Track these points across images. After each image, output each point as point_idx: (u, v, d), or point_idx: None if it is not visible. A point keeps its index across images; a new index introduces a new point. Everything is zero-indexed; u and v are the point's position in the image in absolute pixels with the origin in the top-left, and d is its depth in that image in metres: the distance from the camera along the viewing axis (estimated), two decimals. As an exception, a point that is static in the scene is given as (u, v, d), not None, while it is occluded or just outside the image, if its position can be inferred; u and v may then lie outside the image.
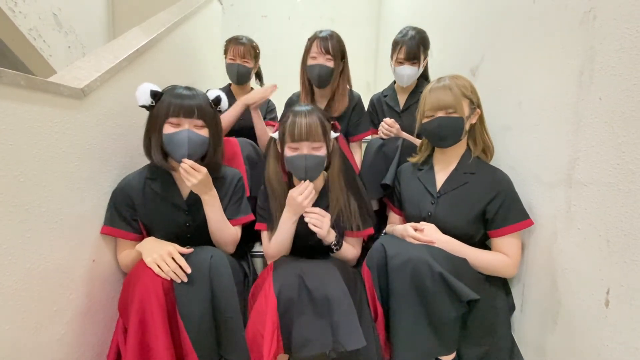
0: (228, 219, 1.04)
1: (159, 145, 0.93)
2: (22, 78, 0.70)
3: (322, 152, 0.96)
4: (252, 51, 1.55)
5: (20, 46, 1.94)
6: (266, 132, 1.43)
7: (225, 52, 1.56)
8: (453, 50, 1.52)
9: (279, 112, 1.59)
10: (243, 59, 1.52)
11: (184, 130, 0.91)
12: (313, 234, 0.99)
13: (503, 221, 0.92)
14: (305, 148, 0.94)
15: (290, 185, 1.06)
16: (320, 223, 0.96)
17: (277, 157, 1.03)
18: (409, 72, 1.36)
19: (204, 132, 0.95)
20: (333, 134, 1.01)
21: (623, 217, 0.64)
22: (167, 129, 0.91)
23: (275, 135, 1.02)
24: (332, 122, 1.01)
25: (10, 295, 0.68)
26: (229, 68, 1.54)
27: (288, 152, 0.96)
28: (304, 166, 0.94)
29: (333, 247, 1.00)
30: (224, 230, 1.00)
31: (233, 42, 1.53)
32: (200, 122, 0.94)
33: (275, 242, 1.01)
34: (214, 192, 0.97)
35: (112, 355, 0.86)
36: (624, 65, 0.65)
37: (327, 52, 1.33)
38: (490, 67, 1.19)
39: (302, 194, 0.93)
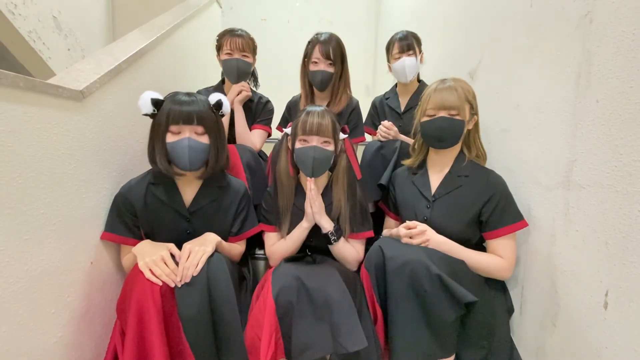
0: (234, 234, 1.05)
1: (164, 153, 0.92)
2: (21, 80, 0.70)
3: (331, 148, 1.00)
4: (252, 44, 1.39)
5: (19, 48, 1.94)
6: (247, 130, 1.38)
7: (219, 49, 1.38)
8: (451, 53, 1.53)
9: (278, 116, 1.56)
10: (242, 52, 1.34)
11: (184, 138, 0.91)
12: (314, 232, 1.02)
13: (497, 223, 0.92)
14: (314, 141, 0.98)
15: (298, 182, 1.09)
16: (312, 199, 0.98)
17: (287, 152, 1.07)
18: (408, 63, 1.36)
19: (205, 139, 0.94)
20: (342, 135, 1.05)
21: (621, 219, 0.64)
22: (169, 138, 0.91)
23: (288, 130, 1.06)
24: (342, 126, 1.06)
25: (7, 297, 0.67)
26: (227, 64, 1.35)
27: (298, 145, 1.00)
28: (312, 157, 0.97)
29: (330, 236, 1.00)
30: (230, 252, 1.02)
31: (229, 35, 1.34)
32: (200, 129, 0.93)
33: (285, 245, 1.04)
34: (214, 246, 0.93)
35: (109, 358, 0.86)
36: (621, 68, 0.65)
37: (328, 57, 1.33)
38: (488, 70, 1.20)
39: (308, 203, 0.99)
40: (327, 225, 1.00)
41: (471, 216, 0.94)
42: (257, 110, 1.46)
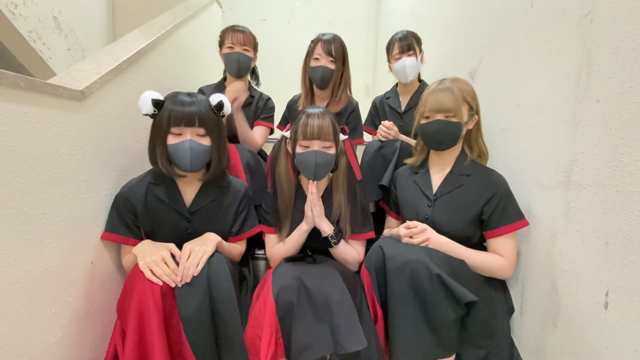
0: (234, 234, 1.05)
1: (165, 155, 0.92)
2: (21, 80, 0.70)
3: (332, 151, 0.99)
4: (253, 40, 1.42)
5: (20, 48, 1.95)
6: (250, 133, 1.38)
7: (221, 44, 1.42)
8: (451, 53, 1.53)
9: (278, 115, 1.57)
10: (243, 46, 1.37)
11: (185, 141, 0.91)
12: (314, 235, 1.02)
13: (498, 222, 0.92)
14: (316, 146, 0.97)
15: (299, 185, 1.09)
16: (313, 203, 0.98)
17: (287, 155, 1.06)
18: (409, 63, 1.36)
19: (206, 141, 0.94)
20: (342, 136, 1.04)
21: (622, 219, 0.64)
22: (171, 140, 0.91)
23: (287, 134, 1.05)
24: (341, 127, 1.05)
25: (7, 297, 0.67)
26: (228, 58, 1.38)
27: (299, 150, 0.99)
28: (314, 162, 0.96)
29: (330, 239, 1.00)
30: (230, 252, 1.02)
31: (230, 30, 1.39)
32: (201, 131, 0.93)
33: (285, 247, 1.04)
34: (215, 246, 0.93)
35: (110, 358, 0.86)
36: (621, 68, 0.65)
37: (330, 54, 1.34)
38: (488, 69, 1.20)
39: (309, 206, 0.98)
40: (326, 229, 1.00)
41: (472, 215, 0.94)
42: (258, 108, 1.47)
